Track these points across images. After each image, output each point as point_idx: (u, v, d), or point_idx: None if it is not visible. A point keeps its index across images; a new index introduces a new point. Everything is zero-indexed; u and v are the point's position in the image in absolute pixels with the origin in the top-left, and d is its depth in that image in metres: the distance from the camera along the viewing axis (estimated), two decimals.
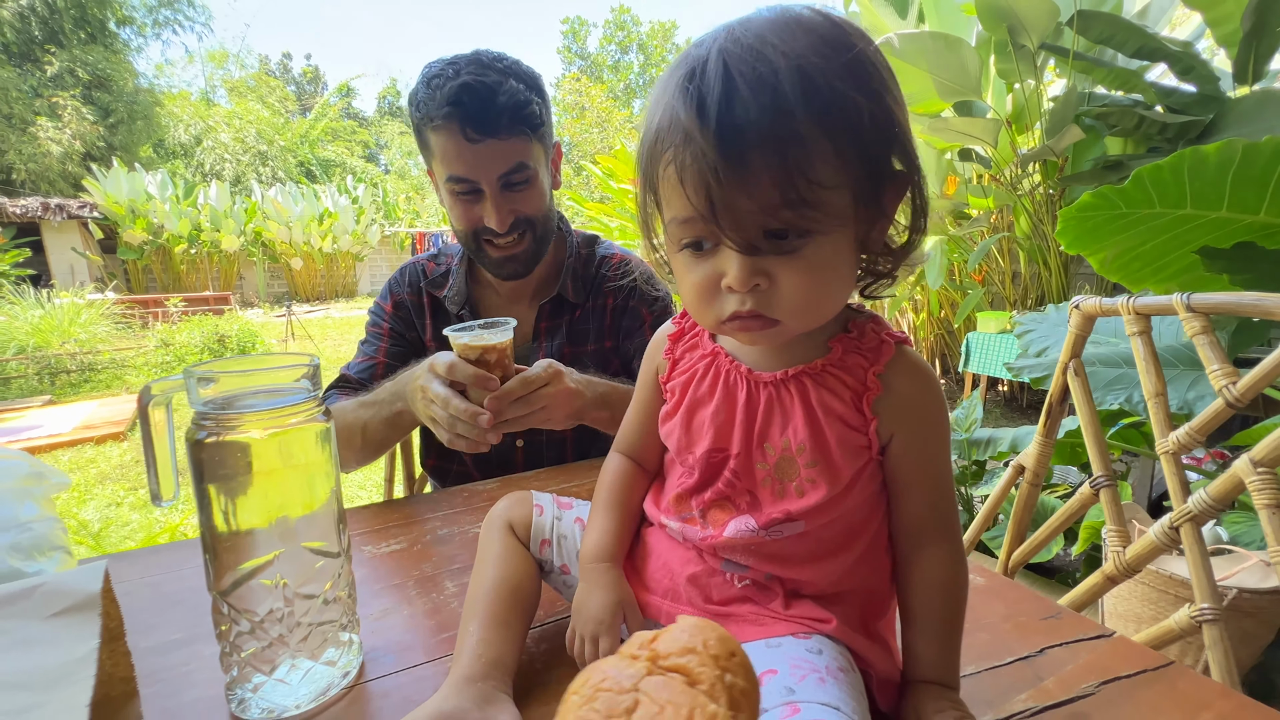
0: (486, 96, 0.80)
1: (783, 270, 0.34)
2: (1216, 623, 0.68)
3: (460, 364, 0.67)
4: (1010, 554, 0.95)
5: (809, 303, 0.35)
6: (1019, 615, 0.49)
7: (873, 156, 0.33)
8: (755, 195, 0.32)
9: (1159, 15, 3.17)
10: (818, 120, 0.31)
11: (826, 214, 0.32)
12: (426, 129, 0.84)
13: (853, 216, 0.34)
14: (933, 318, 4.43)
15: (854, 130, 0.32)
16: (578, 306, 0.98)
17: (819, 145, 0.31)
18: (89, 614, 0.33)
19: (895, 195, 0.36)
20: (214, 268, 10.98)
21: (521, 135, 0.84)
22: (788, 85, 0.31)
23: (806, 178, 0.31)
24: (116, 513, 2.64)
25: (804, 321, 0.36)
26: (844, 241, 0.34)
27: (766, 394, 0.40)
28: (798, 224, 0.32)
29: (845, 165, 0.32)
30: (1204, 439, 0.72)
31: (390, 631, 0.50)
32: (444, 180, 0.86)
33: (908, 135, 0.34)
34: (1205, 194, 1.35)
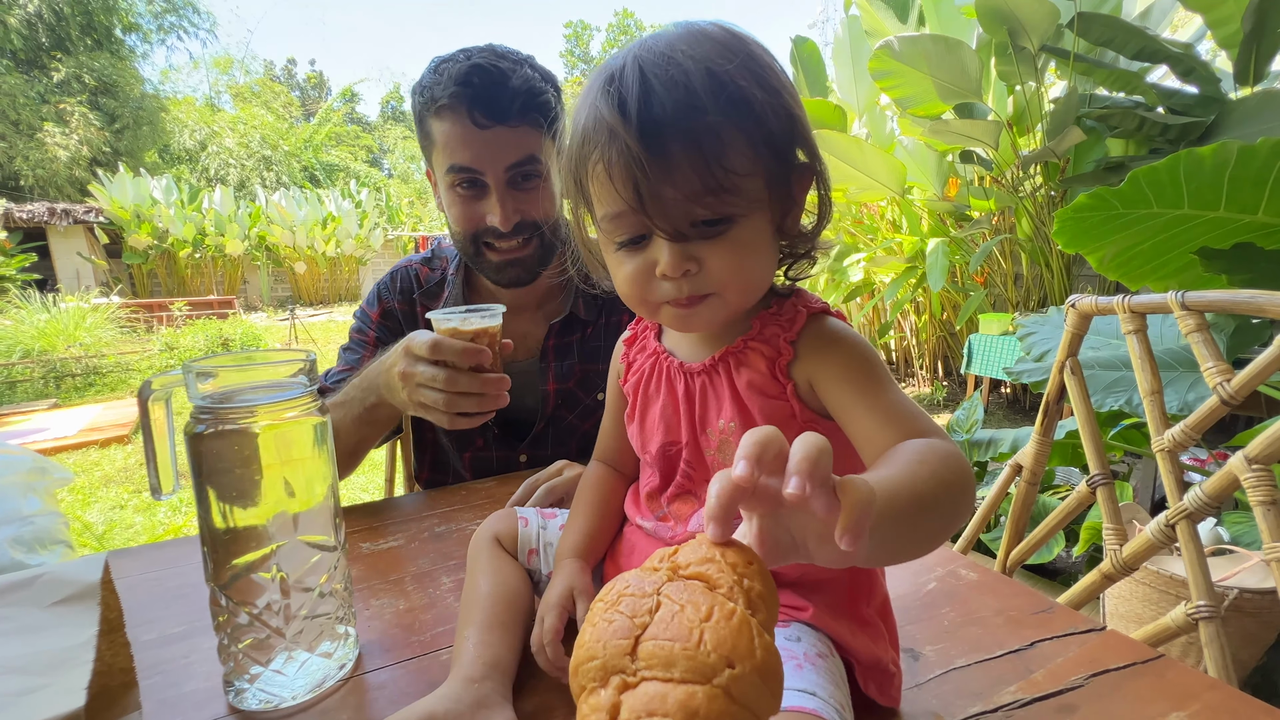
0: (499, 79, 0.74)
1: (710, 254, 0.37)
2: (1213, 620, 0.68)
3: (446, 340, 0.60)
4: (1008, 553, 0.95)
5: (739, 276, 0.38)
6: (1011, 610, 0.49)
7: (779, 146, 0.37)
8: (679, 184, 0.34)
9: (1160, 17, 3.17)
10: (727, 114, 0.34)
11: (744, 199, 0.36)
12: (430, 116, 0.78)
13: (767, 201, 0.37)
14: (934, 319, 4.42)
15: (759, 122, 0.35)
16: (589, 324, 0.92)
17: (731, 136, 0.35)
18: (89, 603, 0.33)
19: (802, 184, 0.39)
20: (218, 272, 11.04)
21: (534, 125, 0.78)
22: (698, 84, 0.34)
23: (723, 166, 0.34)
24: (121, 515, 2.65)
25: (735, 295, 0.39)
26: (762, 224, 0.38)
27: (700, 382, 0.43)
28: (720, 209, 0.35)
29: (756, 154, 0.35)
30: (1199, 436, 0.72)
31: (386, 625, 0.51)
32: (445, 172, 0.79)
33: (807, 129, 0.38)
34: (1203, 194, 1.35)
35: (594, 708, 0.22)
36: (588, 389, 0.92)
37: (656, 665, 0.21)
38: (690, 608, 0.22)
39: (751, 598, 0.23)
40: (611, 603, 0.24)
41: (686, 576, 0.24)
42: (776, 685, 0.22)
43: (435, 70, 0.77)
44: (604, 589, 0.26)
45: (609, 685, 0.22)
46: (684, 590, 0.23)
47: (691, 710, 0.20)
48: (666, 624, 0.22)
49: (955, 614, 0.49)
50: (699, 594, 0.23)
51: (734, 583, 0.23)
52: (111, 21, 15.13)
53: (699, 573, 0.24)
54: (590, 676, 0.23)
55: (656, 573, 0.25)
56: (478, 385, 0.60)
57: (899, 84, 3.21)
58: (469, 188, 0.79)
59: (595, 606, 0.25)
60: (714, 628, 0.21)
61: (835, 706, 0.33)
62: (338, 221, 11.98)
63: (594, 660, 0.23)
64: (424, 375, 0.62)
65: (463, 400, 0.60)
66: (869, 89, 3.91)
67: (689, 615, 0.22)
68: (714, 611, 0.22)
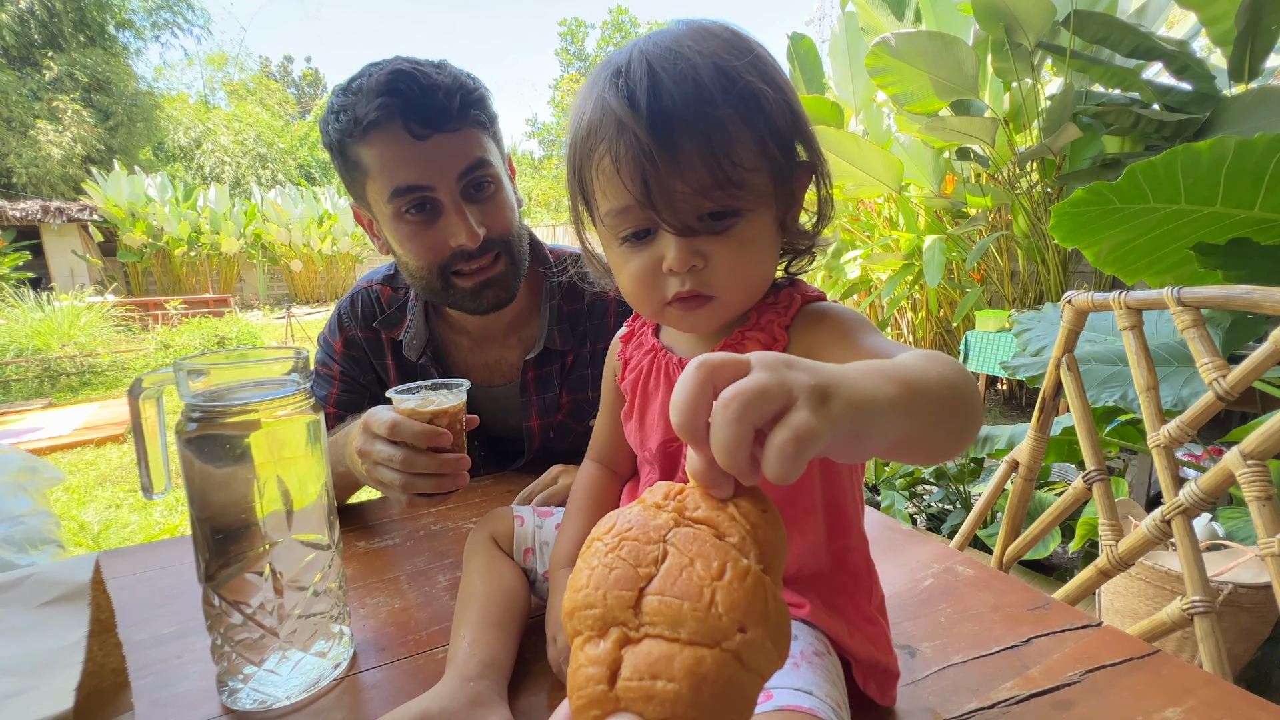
0: (426, 81, 0.66)
1: (716, 249, 0.36)
2: (1208, 615, 0.68)
3: (404, 421, 0.55)
4: (1005, 549, 0.95)
5: (742, 277, 0.38)
6: (1008, 606, 0.49)
7: (784, 143, 0.37)
8: (688, 178, 0.34)
9: (1156, 14, 3.17)
10: (736, 108, 0.34)
11: (751, 193, 0.36)
12: (355, 142, 0.67)
13: (772, 196, 0.37)
14: (931, 316, 4.43)
15: (767, 118, 0.35)
16: (568, 353, 0.84)
17: (739, 131, 0.35)
18: (79, 603, 0.33)
19: (803, 181, 0.39)
20: (214, 270, 10.99)
21: (477, 125, 0.70)
22: (707, 78, 0.34)
23: (731, 160, 0.34)
24: (116, 514, 2.64)
25: (738, 296, 0.39)
26: (768, 219, 0.38)
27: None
28: (728, 203, 0.35)
29: (763, 149, 0.36)
30: (1195, 432, 0.72)
31: (381, 624, 0.51)
32: (387, 200, 0.68)
33: (809, 127, 0.38)
34: (1199, 190, 1.35)
35: (591, 659, 0.20)
36: (580, 417, 0.86)
37: (662, 623, 0.20)
38: (700, 562, 0.20)
39: (764, 550, 0.21)
40: (612, 546, 0.22)
41: (694, 520, 0.22)
42: (785, 643, 0.21)
43: (348, 91, 0.67)
44: (602, 522, 0.24)
45: (608, 637, 0.20)
46: (693, 541, 0.21)
47: (699, 676, 0.19)
48: (674, 579, 0.20)
49: (952, 610, 0.49)
50: (709, 546, 0.21)
51: (746, 533, 0.21)
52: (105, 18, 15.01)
53: (707, 517, 0.22)
54: (587, 624, 0.21)
55: (661, 512, 0.22)
56: (435, 466, 0.55)
57: (896, 81, 3.20)
58: (420, 211, 0.69)
59: (593, 544, 0.23)
60: (727, 588, 0.20)
61: (831, 705, 0.32)
62: (334, 219, 11.93)
63: (592, 609, 0.21)
64: (381, 454, 0.56)
65: (420, 481, 0.55)
66: (866, 86, 3.91)
67: (699, 571, 0.20)
68: (726, 569, 0.20)
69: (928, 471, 2.17)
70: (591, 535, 0.23)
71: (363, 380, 0.85)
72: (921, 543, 0.61)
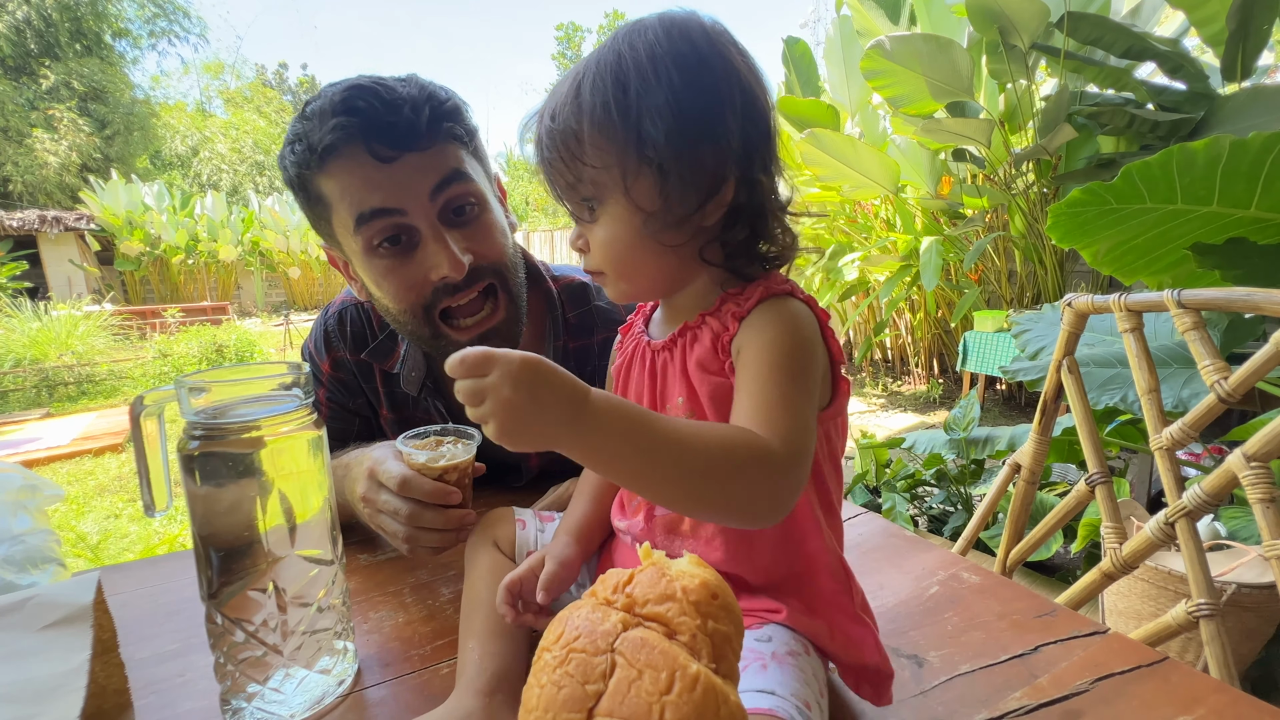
0: (389, 96, 0.58)
1: (591, 234, 0.42)
2: (1213, 618, 0.68)
3: (415, 478, 0.52)
4: (1008, 552, 0.95)
5: (612, 258, 0.41)
6: (1014, 613, 0.49)
7: (648, 143, 0.37)
8: (560, 173, 0.40)
9: (1150, 15, 3.19)
10: (589, 114, 0.38)
11: (599, 189, 0.39)
12: (315, 174, 0.59)
13: (622, 188, 0.39)
14: (929, 317, 4.43)
15: (622, 121, 0.37)
16: None
17: (588, 134, 0.38)
18: (80, 626, 0.33)
19: (688, 183, 0.38)
20: (211, 278, 10.97)
21: (453, 141, 0.61)
22: (572, 84, 0.39)
23: (580, 160, 0.39)
24: (115, 524, 2.63)
25: (622, 274, 0.42)
26: (623, 213, 0.40)
27: (662, 359, 0.44)
28: (574, 198, 0.41)
29: (611, 150, 0.38)
30: (1197, 434, 0.72)
31: (385, 639, 0.50)
32: (354, 231, 0.59)
33: (724, 134, 0.38)
34: (1195, 189, 1.35)
35: None
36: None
37: None
38: (649, 675, 0.20)
39: (716, 642, 0.21)
40: (560, 659, 0.21)
41: (644, 617, 0.22)
42: None
43: (303, 117, 0.59)
44: (550, 629, 0.23)
45: None
46: (641, 648, 0.21)
47: None
48: (623, 696, 0.20)
49: (958, 618, 0.49)
50: (657, 654, 0.20)
51: (696, 629, 0.21)
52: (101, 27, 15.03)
53: (657, 613, 0.22)
54: None
55: (610, 613, 0.22)
56: (442, 522, 0.52)
57: (891, 83, 3.22)
58: (394, 244, 0.60)
59: (542, 657, 0.22)
60: (675, 705, 0.19)
61: (797, 703, 0.32)
62: None
63: None
64: (387, 506, 0.54)
65: (425, 535, 0.53)
66: (861, 88, 3.92)
67: (647, 686, 0.20)
68: (674, 681, 0.20)
69: (929, 473, 2.17)
70: (541, 644, 0.23)
71: (351, 406, 0.77)
72: (926, 549, 0.61)
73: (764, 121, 0.40)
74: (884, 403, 4.23)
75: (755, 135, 0.39)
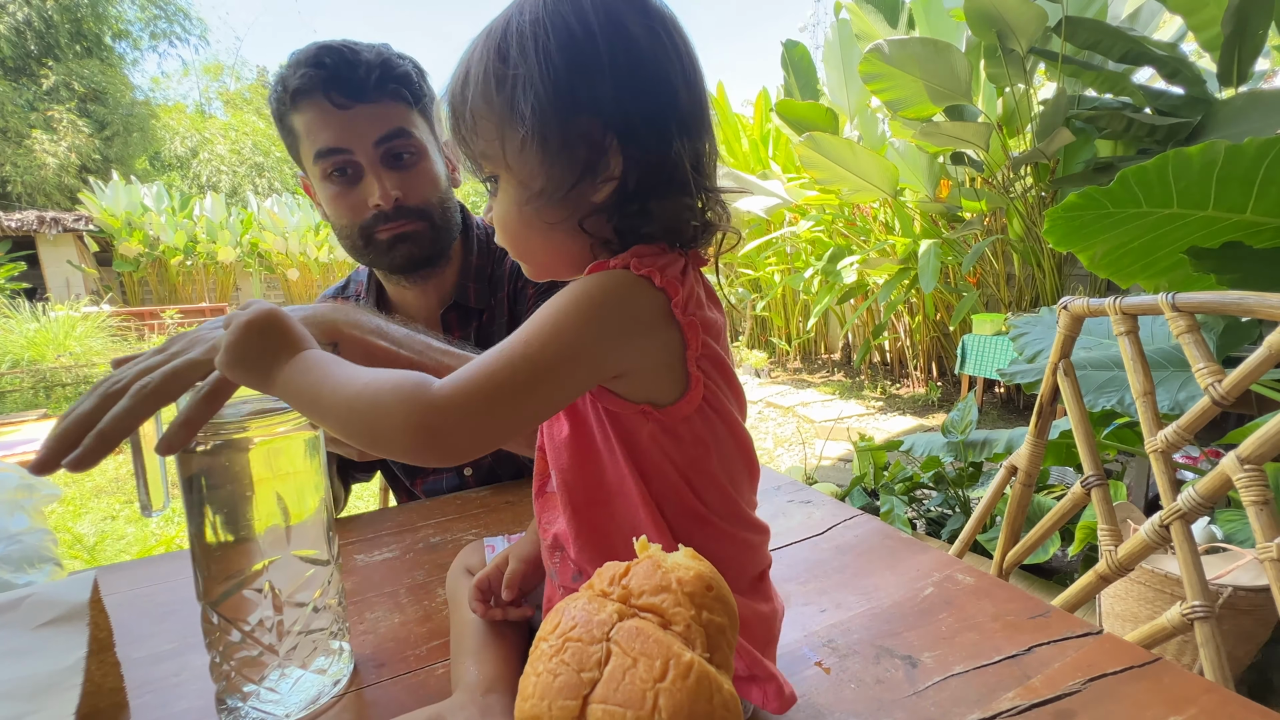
0: (350, 56, 0.72)
1: (495, 208, 0.41)
2: (1208, 620, 0.68)
3: None
4: (1004, 555, 0.95)
5: (505, 238, 0.41)
6: (1008, 615, 0.49)
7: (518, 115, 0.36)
8: (462, 145, 0.39)
9: (1148, 19, 3.21)
10: (465, 91, 0.37)
11: (490, 162, 0.39)
12: (289, 111, 0.74)
13: (504, 163, 0.38)
14: (928, 320, 4.44)
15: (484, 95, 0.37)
16: (483, 310, 0.87)
17: (476, 106, 0.37)
18: (77, 624, 0.33)
19: (564, 157, 0.36)
20: (210, 279, 10.97)
21: (398, 99, 0.75)
22: (480, 47, 0.37)
23: (474, 132, 0.38)
24: (112, 526, 2.62)
25: (516, 253, 0.41)
26: (509, 185, 0.39)
27: None
28: (475, 169, 0.40)
29: (493, 123, 0.37)
30: (1192, 437, 0.72)
31: (381, 639, 0.50)
32: (314, 161, 0.74)
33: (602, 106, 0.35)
34: (1191, 194, 1.36)
35: None
36: None
37: None
38: (643, 663, 0.20)
39: (711, 633, 0.21)
40: (557, 649, 0.22)
41: (639, 608, 0.22)
42: None
43: (286, 65, 0.74)
44: (547, 620, 0.24)
45: None
46: (636, 637, 0.21)
47: None
48: (617, 683, 0.20)
49: (953, 619, 0.49)
50: (652, 643, 0.21)
51: (691, 619, 0.21)
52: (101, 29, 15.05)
53: (652, 604, 0.22)
54: None
55: (606, 603, 0.22)
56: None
57: (889, 87, 3.23)
58: (342, 175, 0.75)
59: (539, 647, 0.23)
60: (669, 691, 0.20)
61: None
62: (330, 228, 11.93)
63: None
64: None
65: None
66: (860, 92, 3.94)
67: (641, 674, 0.20)
68: (669, 669, 0.20)
69: (926, 476, 2.17)
70: (538, 635, 0.23)
71: None
72: (921, 551, 0.61)
73: (663, 91, 0.36)
74: (882, 405, 4.24)
75: (645, 106, 0.36)
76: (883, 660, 0.44)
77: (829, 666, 0.44)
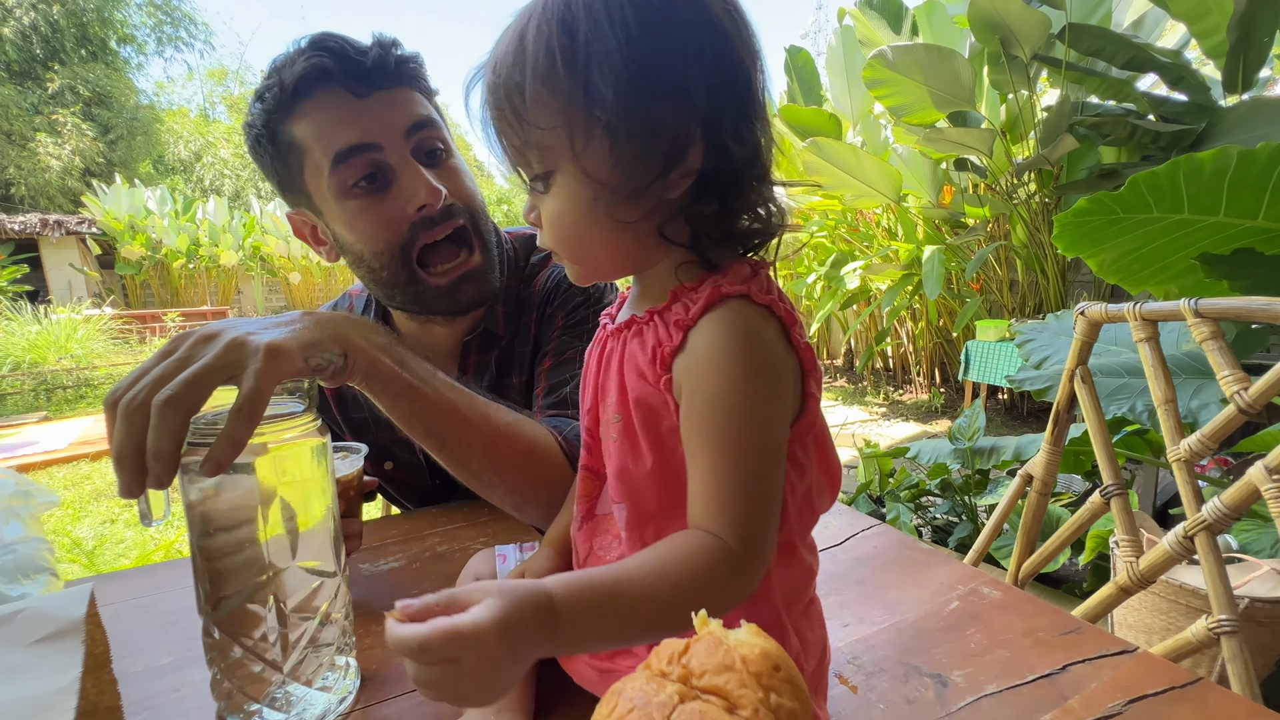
0: (356, 42, 0.61)
1: (542, 207, 0.36)
2: (1235, 634, 0.66)
3: None
4: (1020, 565, 0.93)
5: (559, 237, 0.36)
6: (1038, 630, 0.47)
7: (598, 98, 0.31)
8: (507, 136, 0.35)
9: (1152, 26, 3.21)
10: (523, 71, 0.32)
11: (546, 155, 0.34)
12: (284, 120, 0.60)
13: (570, 154, 0.33)
14: (931, 326, 4.43)
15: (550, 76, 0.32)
16: (504, 337, 0.76)
17: (532, 89, 0.32)
18: (72, 641, 0.31)
19: (645, 147, 0.32)
20: (212, 282, 10.98)
21: (415, 86, 0.65)
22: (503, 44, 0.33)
23: (524, 120, 0.33)
24: (111, 530, 2.60)
25: (565, 254, 0.37)
26: (573, 183, 0.34)
27: (609, 346, 0.39)
28: (522, 164, 0.35)
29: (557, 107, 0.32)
30: (1216, 445, 0.71)
31: (387, 654, 0.49)
32: (330, 171, 0.60)
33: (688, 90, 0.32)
34: (1202, 199, 1.35)
35: None
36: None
37: None
38: None
39: (781, 717, 0.20)
40: None
41: (701, 689, 0.20)
42: None
43: (269, 74, 0.61)
44: (605, 701, 0.22)
45: None
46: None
47: None
48: None
49: (981, 636, 0.47)
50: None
51: (759, 702, 0.19)
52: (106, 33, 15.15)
53: (715, 685, 0.20)
54: None
55: (665, 684, 0.21)
56: None
57: (893, 92, 3.23)
58: (371, 182, 0.61)
59: None
60: None
61: None
62: None
63: None
64: None
65: None
66: (863, 97, 3.94)
67: None
68: None
69: (933, 483, 2.15)
70: (594, 718, 0.22)
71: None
72: (942, 562, 0.59)
73: (741, 76, 0.33)
74: (885, 411, 4.22)
75: (728, 92, 0.33)
76: (912, 679, 0.43)
77: (856, 685, 0.42)
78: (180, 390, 0.37)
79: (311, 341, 0.43)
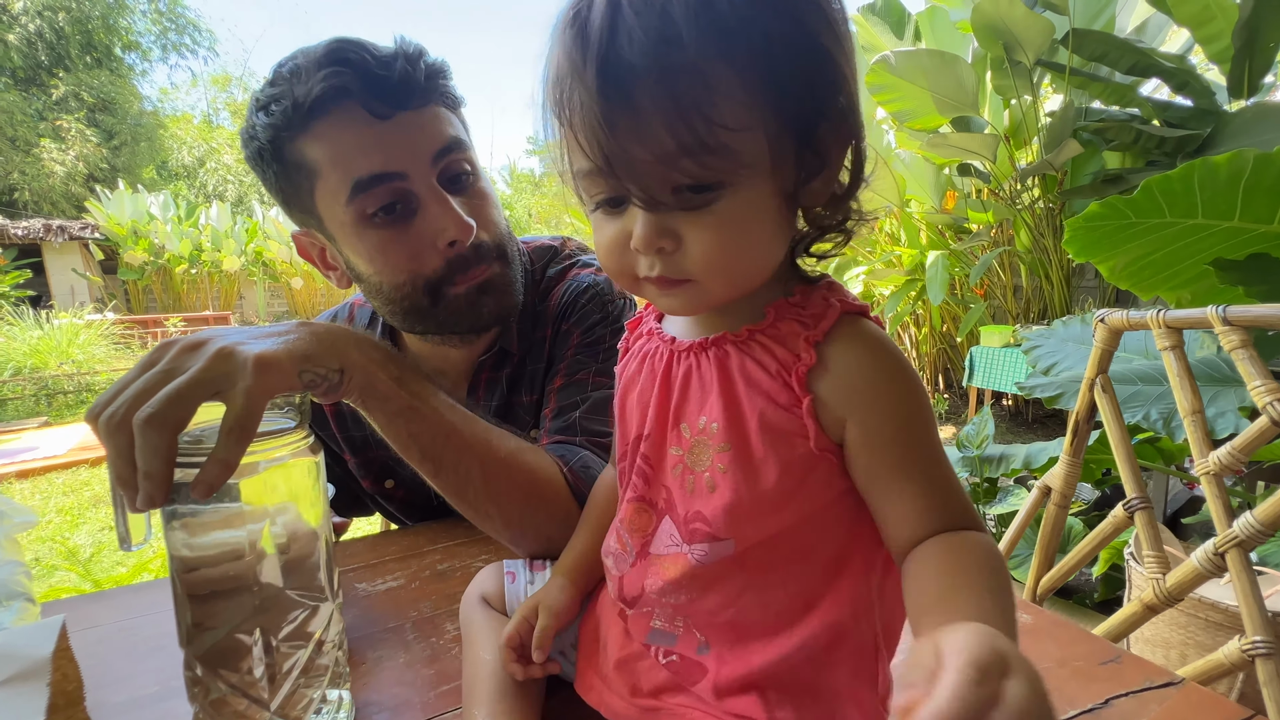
0: (380, 52, 0.54)
1: (691, 229, 0.29)
2: (1272, 657, 0.63)
3: None
4: (1038, 580, 0.90)
5: (724, 263, 0.30)
6: (1075, 659, 0.45)
7: (795, 91, 0.28)
8: (648, 142, 0.27)
9: (1155, 31, 3.20)
10: (718, 48, 0.26)
11: (735, 162, 0.27)
12: (294, 137, 0.54)
13: (769, 163, 0.28)
14: (935, 332, 4.40)
15: (766, 58, 0.27)
16: (517, 355, 0.72)
17: (721, 79, 0.26)
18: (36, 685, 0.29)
19: (835, 138, 0.30)
20: (214, 288, 10.98)
21: (443, 104, 0.58)
22: (679, 9, 0.26)
23: (707, 118, 0.26)
24: (109, 536, 2.57)
25: (721, 282, 0.31)
26: (761, 194, 0.29)
27: (686, 364, 0.35)
28: (701, 175, 0.27)
29: (756, 102, 0.27)
30: (1247, 459, 0.68)
31: (385, 683, 0.46)
32: (347, 201, 0.54)
33: (845, 74, 0.30)
34: (1216, 204, 1.33)
35: None
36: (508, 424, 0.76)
37: None
38: None
39: None
40: None
41: None
42: None
43: (277, 80, 0.54)
44: None
45: None
46: None
47: None
48: None
49: None
50: None
51: None
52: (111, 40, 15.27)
53: None
54: None
55: None
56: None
57: (896, 98, 3.22)
58: (391, 213, 0.55)
59: None
60: None
61: None
62: None
63: None
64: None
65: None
66: (866, 103, 3.93)
67: None
68: None
69: None
70: None
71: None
72: None
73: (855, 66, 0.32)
74: None
75: (856, 82, 0.31)
76: None
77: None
78: (162, 408, 0.34)
79: (305, 354, 0.41)
